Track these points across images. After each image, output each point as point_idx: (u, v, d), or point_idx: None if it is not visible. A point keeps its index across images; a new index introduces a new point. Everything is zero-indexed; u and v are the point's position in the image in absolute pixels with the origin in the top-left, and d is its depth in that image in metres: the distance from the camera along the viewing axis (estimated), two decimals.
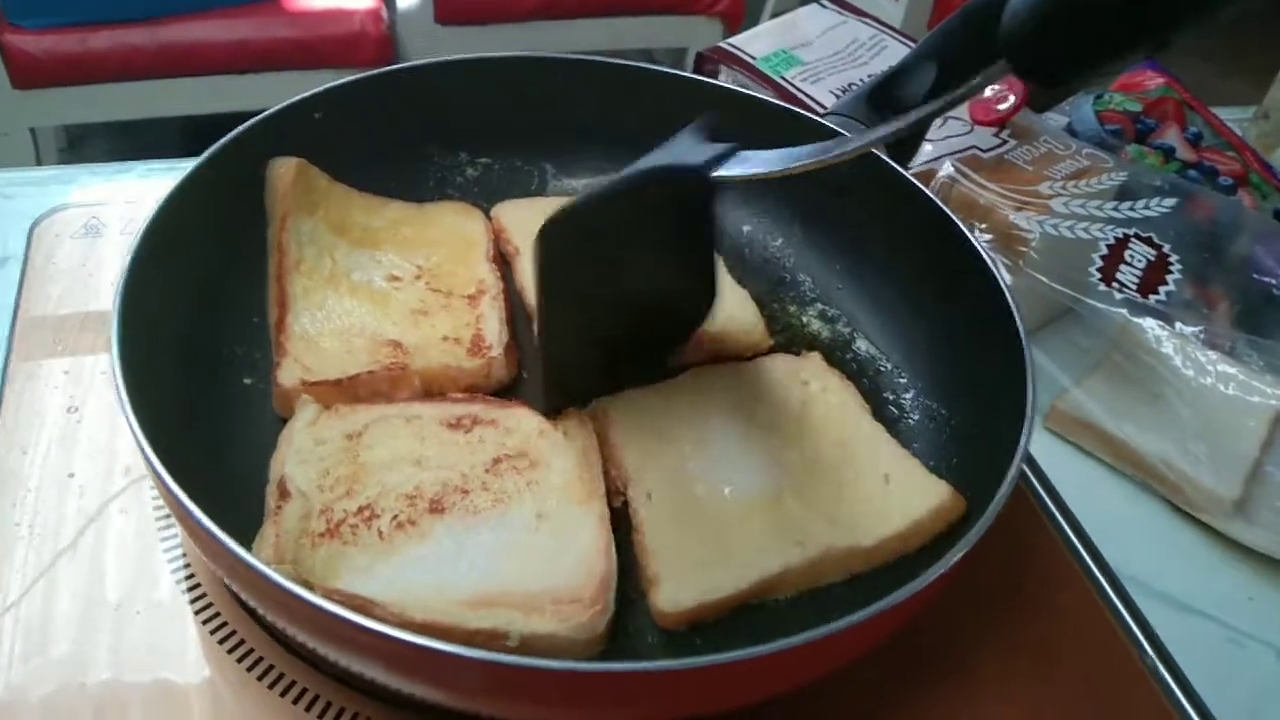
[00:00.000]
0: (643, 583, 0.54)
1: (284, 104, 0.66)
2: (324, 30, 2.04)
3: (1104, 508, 0.76)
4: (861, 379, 0.67)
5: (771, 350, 0.67)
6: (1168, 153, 0.97)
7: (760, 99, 0.76)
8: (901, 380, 0.68)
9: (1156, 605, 0.70)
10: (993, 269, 0.63)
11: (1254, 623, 0.71)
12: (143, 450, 0.47)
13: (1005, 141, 0.87)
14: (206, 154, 0.62)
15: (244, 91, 2.00)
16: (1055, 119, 1.02)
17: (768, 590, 0.54)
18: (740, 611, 0.54)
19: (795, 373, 0.65)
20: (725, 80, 0.93)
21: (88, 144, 2.32)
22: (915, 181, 0.68)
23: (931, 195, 0.67)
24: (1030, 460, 0.74)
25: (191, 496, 0.46)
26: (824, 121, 0.72)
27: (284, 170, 0.66)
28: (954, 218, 0.66)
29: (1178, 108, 0.99)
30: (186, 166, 0.61)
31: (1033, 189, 0.82)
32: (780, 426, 0.61)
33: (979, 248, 0.64)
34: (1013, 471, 0.51)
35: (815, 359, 0.66)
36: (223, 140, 0.63)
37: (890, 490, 0.57)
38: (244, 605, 0.55)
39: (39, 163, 2.00)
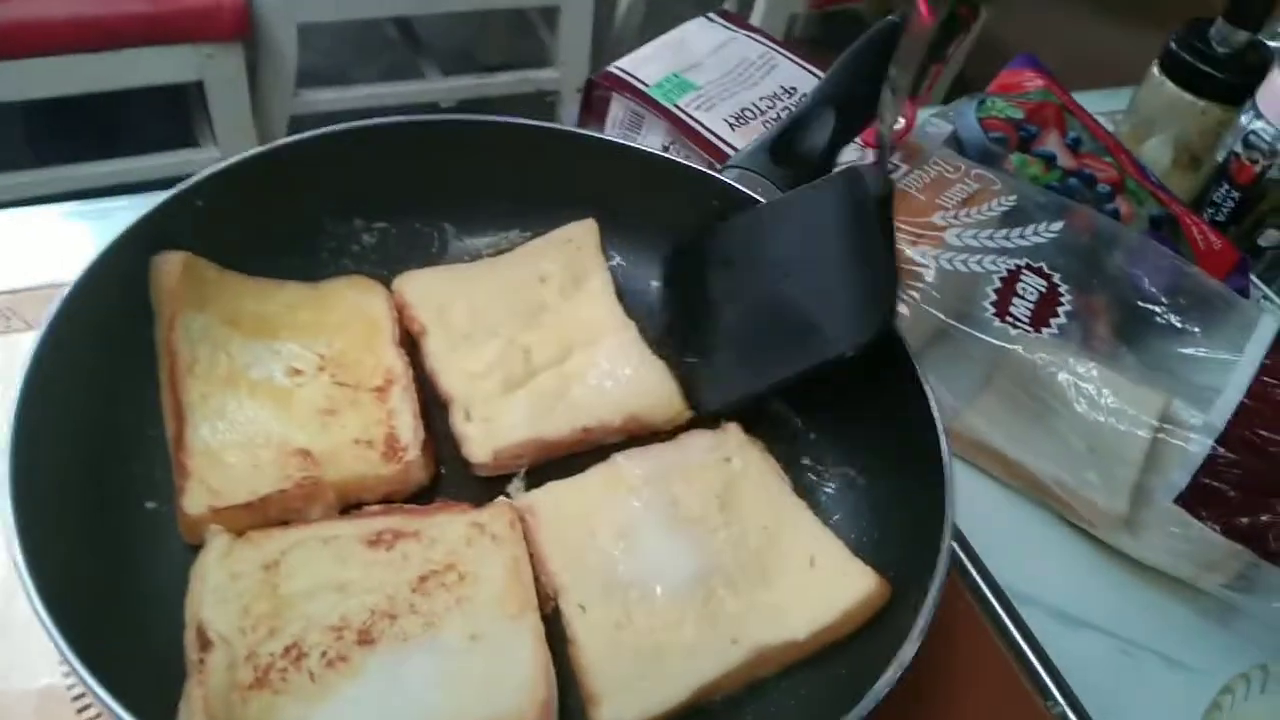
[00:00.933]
0: (581, 698, 0.54)
1: (164, 197, 0.62)
2: (178, 2, 1.92)
3: (996, 523, 0.79)
4: (777, 444, 0.67)
5: (690, 424, 0.67)
6: (1049, 160, 0.99)
7: (656, 156, 0.75)
8: (815, 441, 0.69)
9: (1047, 620, 0.74)
10: (900, 336, 0.64)
11: (1143, 632, 0.76)
12: (49, 631, 0.45)
13: (898, 167, 0.88)
14: (89, 263, 0.58)
15: (94, 71, 1.87)
16: (940, 127, 1.03)
17: (707, 694, 0.55)
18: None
19: (715, 449, 0.65)
20: (616, 108, 0.92)
21: None
22: None
23: None
24: None
25: (105, 673, 0.44)
26: (724, 179, 0.71)
27: (169, 266, 0.62)
28: None
29: (1058, 113, 1.02)
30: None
31: (927, 220, 0.84)
32: (705, 512, 0.61)
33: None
34: (939, 574, 0.52)
35: (734, 431, 0.66)
36: (104, 247, 0.59)
37: (815, 577, 0.59)
38: None
39: None
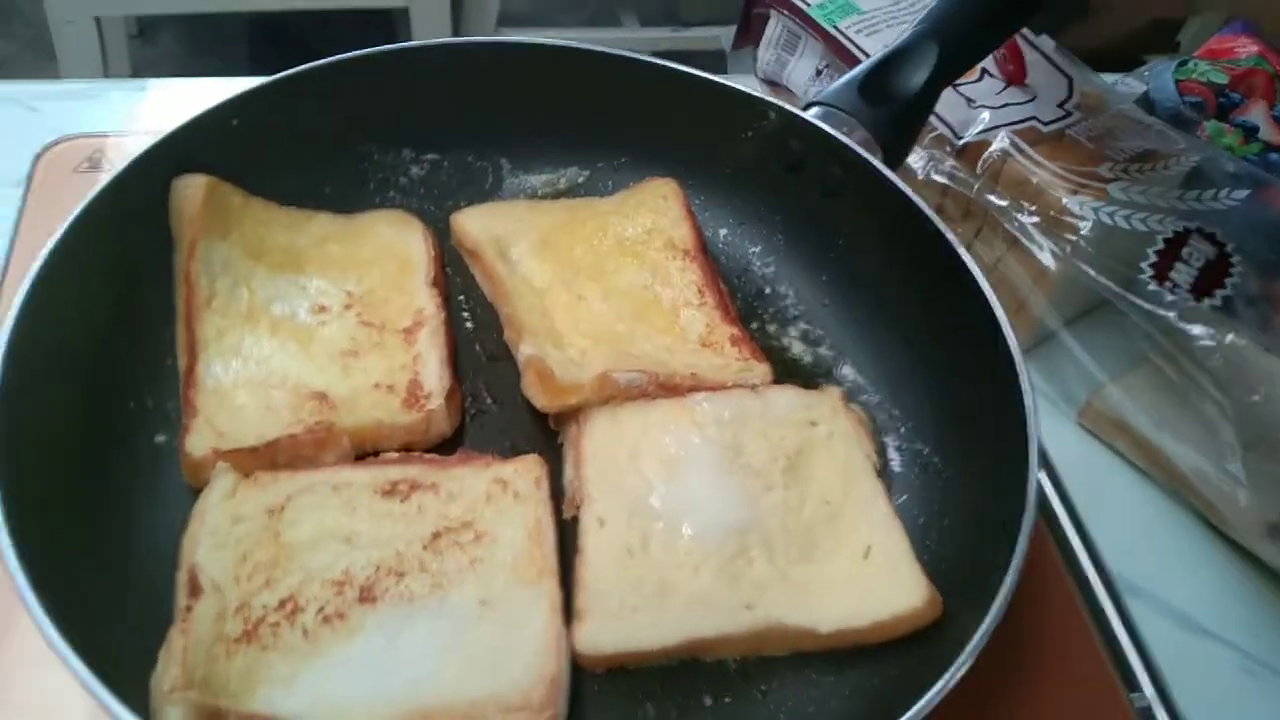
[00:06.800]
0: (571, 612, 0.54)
1: (194, 115, 0.63)
2: None
3: (1122, 510, 0.76)
4: None
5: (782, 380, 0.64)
6: (1250, 131, 0.93)
7: (732, 89, 0.72)
8: (890, 416, 0.66)
9: (1159, 618, 0.71)
10: (991, 300, 0.60)
11: (1274, 651, 0.71)
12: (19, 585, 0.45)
13: (1070, 114, 0.84)
14: (111, 178, 0.59)
15: None
16: (1130, 85, 0.96)
17: (701, 650, 0.54)
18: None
19: (805, 409, 0.62)
20: (773, 27, 0.92)
21: (159, 35, 2.44)
22: (908, 190, 0.65)
23: (927, 209, 0.64)
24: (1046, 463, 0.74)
25: (79, 635, 0.44)
26: (805, 116, 0.68)
27: (191, 190, 0.63)
28: (948, 234, 0.63)
29: (1269, 82, 0.95)
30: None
31: (1091, 170, 0.80)
32: (767, 468, 0.58)
33: (976, 273, 0.61)
34: (1001, 599, 0.49)
35: (833, 395, 0.63)
36: (129, 161, 0.61)
37: (864, 571, 0.55)
38: None
39: (104, 53, 2.02)
